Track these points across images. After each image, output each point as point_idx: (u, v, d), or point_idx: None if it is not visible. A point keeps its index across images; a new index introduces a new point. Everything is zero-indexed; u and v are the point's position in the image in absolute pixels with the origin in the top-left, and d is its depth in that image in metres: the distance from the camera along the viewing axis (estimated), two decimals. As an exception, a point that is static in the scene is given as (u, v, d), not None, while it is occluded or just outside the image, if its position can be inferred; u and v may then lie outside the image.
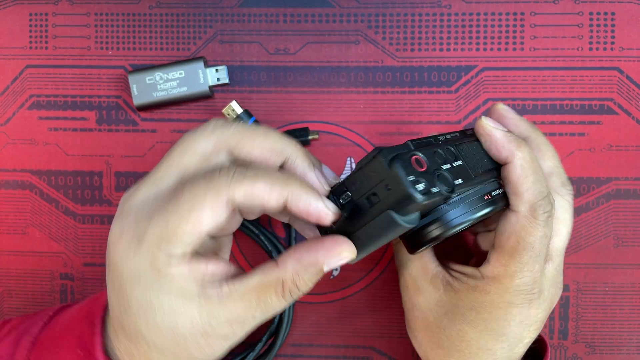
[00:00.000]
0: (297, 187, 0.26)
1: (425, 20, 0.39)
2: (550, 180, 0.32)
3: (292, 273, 0.27)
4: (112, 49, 0.40)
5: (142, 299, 0.26)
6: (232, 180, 0.25)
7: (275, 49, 0.40)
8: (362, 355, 0.40)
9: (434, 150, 0.28)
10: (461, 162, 0.29)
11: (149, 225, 0.26)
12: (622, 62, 0.39)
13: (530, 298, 0.30)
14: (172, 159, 0.27)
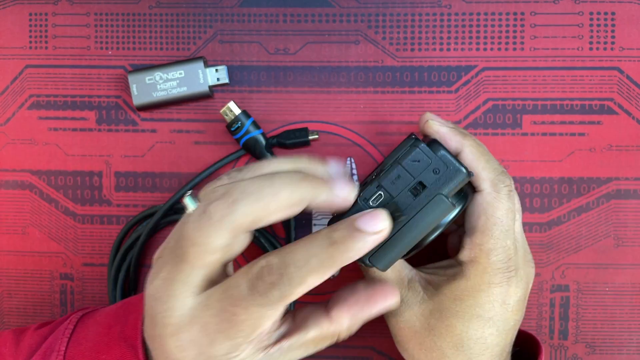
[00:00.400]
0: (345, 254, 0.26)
1: (426, 20, 0.39)
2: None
3: (348, 327, 0.29)
4: (112, 49, 0.40)
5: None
6: (284, 294, 0.25)
7: (275, 48, 0.40)
8: (362, 355, 0.40)
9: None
10: None
11: (215, 347, 0.26)
12: (623, 62, 0.39)
13: (508, 276, 0.31)
14: (192, 261, 0.26)
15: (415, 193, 0.27)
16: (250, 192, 0.26)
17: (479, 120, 0.39)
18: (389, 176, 0.27)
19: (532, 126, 0.39)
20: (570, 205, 0.39)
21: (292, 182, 0.26)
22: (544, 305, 0.39)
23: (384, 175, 0.27)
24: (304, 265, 0.25)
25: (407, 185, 0.27)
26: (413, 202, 0.27)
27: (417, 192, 0.27)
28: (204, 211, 0.26)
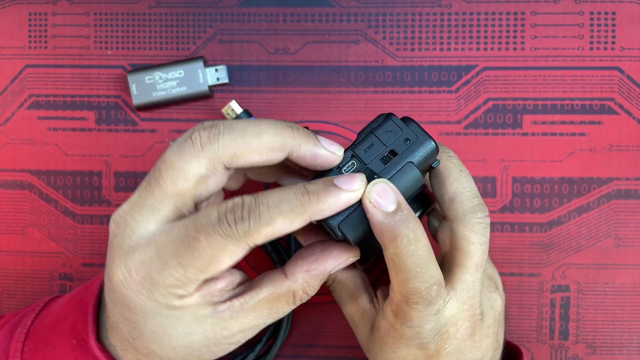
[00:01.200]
0: (317, 204, 0.26)
1: (426, 19, 0.39)
2: (452, 209, 0.30)
3: (302, 284, 0.28)
4: (112, 49, 0.40)
5: (156, 329, 0.27)
6: (250, 229, 0.25)
7: (275, 48, 0.40)
8: (362, 356, 0.40)
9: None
10: None
11: (164, 272, 0.25)
12: (623, 61, 0.39)
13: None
14: (165, 185, 0.26)
15: (386, 161, 0.28)
16: (235, 127, 0.26)
17: (479, 120, 0.39)
18: (362, 145, 0.29)
19: (533, 126, 0.39)
20: (570, 206, 0.39)
21: (277, 126, 0.27)
22: (544, 305, 0.39)
23: (358, 144, 0.29)
24: (274, 206, 0.25)
25: (379, 153, 0.28)
26: (384, 169, 0.28)
27: (388, 160, 0.28)
28: (188, 138, 0.26)
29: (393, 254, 0.27)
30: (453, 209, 0.30)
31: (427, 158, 0.28)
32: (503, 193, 0.39)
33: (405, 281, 0.28)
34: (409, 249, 0.27)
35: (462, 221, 0.30)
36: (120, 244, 0.27)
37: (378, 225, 0.27)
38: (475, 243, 0.29)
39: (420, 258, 0.27)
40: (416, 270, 0.27)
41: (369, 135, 0.29)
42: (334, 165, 0.28)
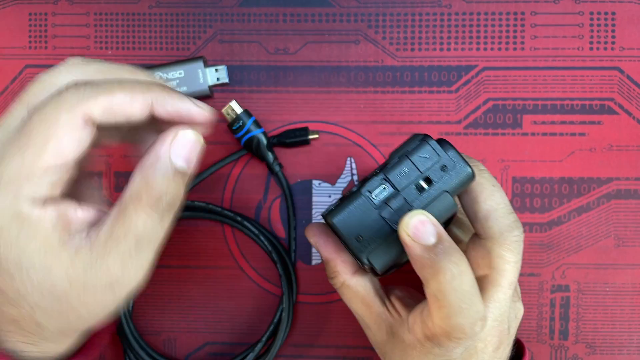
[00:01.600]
0: (161, 90, 0.24)
1: (426, 19, 0.39)
2: (486, 227, 0.29)
3: (156, 190, 0.23)
4: (112, 49, 0.40)
5: (8, 256, 0.23)
6: (84, 95, 0.23)
7: (275, 48, 0.40)
8: (362, 356, 0.40)
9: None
10: None
11: (3, 163, 0.22)
12: (623, 62, 0.39)
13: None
14: (22, 97, 0.24)
15: (420, 189, 0.27)
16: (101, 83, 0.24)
17: (479, 120, 0.39)
18: (396, 170, 0.27)
19: (533, 126, 0.39)
20: (570, 205, 0.39)
21: (142, 80, 0.25)
22: (544, 305, 0.39)
23: (391, 168, 0.27)
24: (118, 81, 0.24)
25: (414, 180, 0.27)
26: (419, 198, 0.26)
27: (423, 188, 0.27)
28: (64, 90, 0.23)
29: (436, 290, 0.26)
30: (488, 227, 0.28)
31: (463, 186, 0.27)
32: (503, 193, 0.39)
33: (449, 317, 0.26)
34: (453, 285, 0.25)
35: (498, 240, 0.28)
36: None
37: (419, 260, 0.25)
38: (511, 262, 0.28)
39: (465, 293, 0.25)
40: (461, 307, 0.25)
41: (403, 159, 0.27)
42: (200, 121, 0.25)
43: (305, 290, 0.40)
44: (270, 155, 0.39)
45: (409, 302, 0.31)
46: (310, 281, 0.40)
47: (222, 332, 0.40)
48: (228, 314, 0.40)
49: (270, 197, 0.40)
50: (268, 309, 0.40)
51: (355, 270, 0.31)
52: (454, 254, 0.25)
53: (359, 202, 0.27)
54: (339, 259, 0.31)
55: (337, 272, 0.32)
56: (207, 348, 0.40)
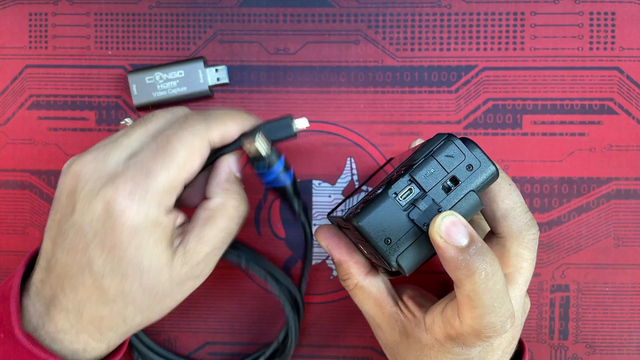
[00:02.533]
0: (249, 118, 0.30)
1: (426, 20, 0.39)
2: (505, 225, 0.29)
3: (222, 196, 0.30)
4: (112, 49, 0.40)
5: (133, 258, 0.27)
6: (209, 124, 0.28)
7: (275, 48, 0.40)
8: (362, 356, 0.40)
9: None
10: None
11: (151, 179, 0.27)
12: (623, 62, 0.39)
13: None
14: (144, 125, 0.29)
15: (447, 189, 0.26)
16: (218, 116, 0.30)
17: (479, 120, 0.39)
18: (423, 170, 0.26)
19: (532, 126, 0.39)
20: (570, 205, 0.39)
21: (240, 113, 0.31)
22: (544, 305, 0.39)
23: (417, 168, 0.26)
24: (222, 114, 0.30)
25: (440, 180, 0.26)
26: (446, 198, 0.26)
27: (449, 188, 0.26)
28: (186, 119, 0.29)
29: (470, 290, 0.26)
30: (507, 225, 0.29)
31: (488, 184, 0.27)
32: (503, 193, 0.39)
33: (482, 317, 0.26)
34: (487, 285, 0.25)
35: (516, 238, 0.29)
36: (93, 179, 0.27)
37: (452, 262, 0.25)
38: (528, 259, 0.29)
39: (498, 292, 0.26)
40: (494, 306, 0.26)
41: (429, 160, 0.26)
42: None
43: (305, 290, 0.40)
44: (296, 202, 0.34)
45: (422, 301, 0.31)
46: (310, 281, 0.40)
47: (222, 332, 0.40)
48: (228, 314, 0.40)
49: (270, 197, 0.40)
50: (268, 309, 0.40)
51: (367, 271, 0.32)
52: (487, 254, 0.26)
53: (386, 204, 0.26)
54: (351, 261, 0.32)
55: (350, 273, 0.32)
56: (207, 348, 0.40)
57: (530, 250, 0.29)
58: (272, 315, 0.40)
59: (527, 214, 0.29)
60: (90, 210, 0.27)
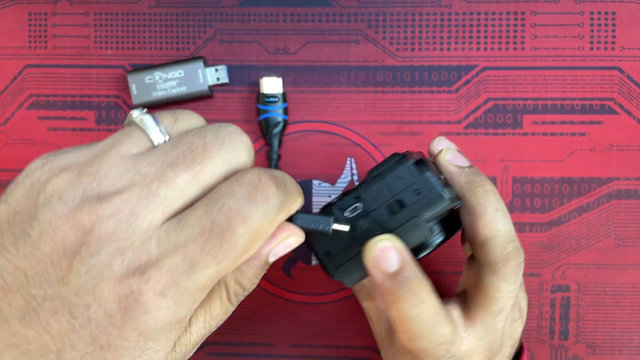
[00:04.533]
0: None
1: (426, 19, 0.39)
2: (482, 253, 0.28)
3: (234, 274, 0.23)
4: (112, 49, 0.40)
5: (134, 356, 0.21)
6: (286, 204, 0.22)
7: (275, 48, 0.40)
8: (362, 356, 0.40)
9: (433, 162, 0.28)
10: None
11: (193, 276, 0.20)
12: (623, 61, 0.39)
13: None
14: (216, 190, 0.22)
15: (392, 211, 0.26)
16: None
17: (479, 120, 0.39)
18: (370, 189, 0.26)
19: (533, 126, 0.39)
20: (570, 205, 0.39)
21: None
22: (544, 305, 0.39)
23: (365, 187, 0.26)
24: (293, 185, 0.23)
25: (386, 201, 0.26)
26: (389, 220, 0.25)
27: (395, 211, 0.25)
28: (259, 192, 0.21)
29: (395, 316, 0.26)
30: (484, 253, 0.28)
31: (439, 211, 0.26)
32: (503, 193, 0.39)
33: (411, 340, 0.26)
34: (412, 313, 0.25)
35: (492, 269, 0.27)
36: (110, 252, 0.20)
37: (379, 286, 0.25)
38: (504, 291, 0.27)
39: (425, 321, 0.26)
40: (422, 332, 0.26)
41: (378, 179, 0.26)
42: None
43: (305, 290, 0.40)
44: (277, 143, 0.39)
45: None
46: (310, 281, 0.40)
47: (222, 332, 0.40)
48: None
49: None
50: (268, 309, 0.40)
51: None
52: (414, 283, 0.25)
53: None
54: None
55: None
56: (207, 348, 0.40)
57: (508, 282, 0.27)
58: (272, 315, 0.40)
59: (510, 244, 0.27)
60: (98, 294, 0.19)
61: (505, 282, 0.27)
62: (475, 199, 0.27)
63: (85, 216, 0.20)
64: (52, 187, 0.20)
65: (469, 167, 0.29)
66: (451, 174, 0.28)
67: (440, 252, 0.39)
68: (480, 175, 0.29)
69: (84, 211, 0.20)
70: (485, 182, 0.28)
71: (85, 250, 0.20)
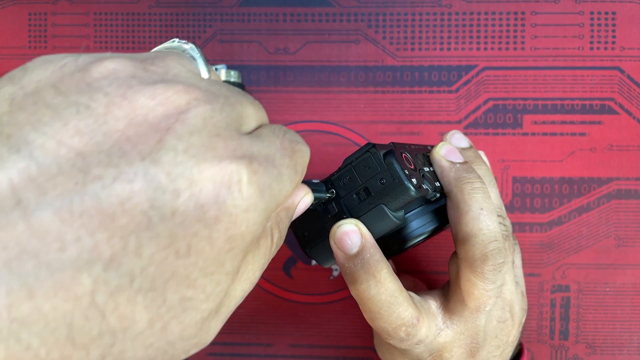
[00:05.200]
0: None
1: (426, 19, 0.39)
2: (462, 250, 0.29)
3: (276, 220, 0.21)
4: (112, 49, 0.40)
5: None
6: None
7: (275, 48, 0.40)
8: (362, 356, 0.40)
9: (415, 154, 0.29)
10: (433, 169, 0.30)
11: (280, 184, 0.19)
12: (623, 61, 0.39)
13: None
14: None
15: (360, 198, 0.27)
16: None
17: (480, 120, 0.39)
18: (340, 176, 0.27)
19: (533, 126, 0.39)
20: (570, 205, 0.39)
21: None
22: (544, 305, 0.39)
23: (337, 174, 0.27)
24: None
25: (354, 188, 0.27)
26: (357, 207, 0.27)
27: (362, 198, 0.27)
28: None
29: (355, 295, 0.27)
30: (464, 250, 0.28)
31: (404, 202, 0.26)
32: (503, 193, 0.39)
33: (371, 320, 0.28)
34: (369, 293, 0.26)
35: (471, 266, 0.28)
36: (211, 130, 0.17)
37: (341, 267, 0.27)
38: (481, 289, 0.28)
39: (382, 302, 0.27)
40: (380, 313, 0.27)
41: (347, 167, 0.27)
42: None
43: (305, 290, 0.40)
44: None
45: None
46: (310, 281, 0.40)
47: (222, 332, 0.40)
48: (228, 314, 0.40)
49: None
50: (268, 309, 0.40)
51: None
52: (373, 265, 0.26)
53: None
54: None
55: None
56: (207, 348, 0.40)
57: (486, 280, 0.28)
58: (272, 315, 0.40)
59: (491, 243, 0.27)
60: (196, 178, 0.16)
61: (483, 280, 0.28)
62: (461, 195, 0.28)
63: (178, 94, 0.16)
64: (109, 65, 0.17)
65: (462, 163, 0.29)
66: (442, 168, 0.29)
67: (439, 252, 0.39)
68: (471, 173, 0.29)
69: (176, 89, 0.17)
70: (475, 179, 0.28)
71: (182, 127, 0.16)
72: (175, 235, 0.15)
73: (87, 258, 0.14)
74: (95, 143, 0.15)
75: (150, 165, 0.15)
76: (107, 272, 0.14)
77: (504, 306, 0.30)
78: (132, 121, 0.16)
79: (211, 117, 0.17)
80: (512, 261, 0.30)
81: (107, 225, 0.14)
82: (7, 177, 0.14)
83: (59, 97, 0.16)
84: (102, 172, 0.15)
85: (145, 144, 0.15)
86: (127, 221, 0.15)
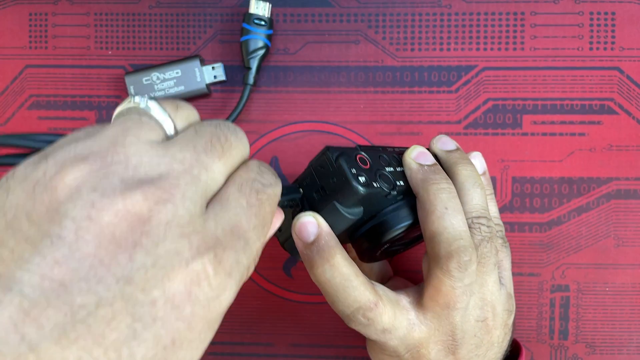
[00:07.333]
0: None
1: (426, 20, 0.39)
2: (429, 247, 0.30)
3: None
4: (112, 49, 0.40)
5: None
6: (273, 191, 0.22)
7: (275, 48, 0.40)
8: (362, 356, 0.40)
9: (379, 155, 0.30)
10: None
11: (248, 253, 0.21)
12: (623, 62, 0.39)
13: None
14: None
15: (319, 196, 0.29)
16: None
17: (479, 120, 0.39)
18: (302, 176, 0.29)
19: (532, 126, 0.39)
20: (570, 205, 0.39)
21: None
22: (544, 305, 0.39)
23: (302, 175, 0.30)
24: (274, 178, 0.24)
25: (313, 187, 0.29)
26: (316, 204, 0.29)
27: (320, 196, 0.29)
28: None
29: (314, 280, 0.29)
30: (431, 247, 0.29)
31: (354, 199, 0.28)
32: (503, 193, 0.39)
33: (332, 303, 0.29)
34: (325, 277, 0.28)
35: (437, 263, 0.29)
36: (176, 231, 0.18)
37: (301, 255, 0.29)
38: (448, 286, 0.29)
39: (338, 285, 0.28)
40: (337, 296, 0.29)
41: (309, 169, 0.29)
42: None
43: (305, 290, 0.40)
44: (255, 69, 0.38)
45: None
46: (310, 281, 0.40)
47: (222, 332, 0.40)
48: (228, 313, 0.40)
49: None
50: (268, 309, 0.40)
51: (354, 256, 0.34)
52: (327, 251, 0.28)
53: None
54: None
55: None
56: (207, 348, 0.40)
57: (453, 278, 0.28)
58: (272, 315, 0.40)
59: (456, 241, 0.28)
60: (168, 286, 0.17)
61: (449, 277, 0.29)
62: (427, 195, 0.29)
63: (140, 204, 0.17)
64: (71, 180, 0.17)
65: (430, 165, 0.31)
66: (411, 170, 0.31)
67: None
68: (438, 174, 0.30)
69: (136, 198, 0.17)
70: (441, 180, 0.30)
71: (147, 240, 0.17)
72: (159, 337, 0.17)
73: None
74: (72, 270, 0.16)
75: (125, 286, 0.17)
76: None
77: (484, 306, 0.30)
78: (101, 242, 0.17)
79: (173, 216, 0.18)
80: (496, 263, 0.30)
81: (100, 343, 0.16)
82: (8, 315, 0.16)
83: (32, 229, 0.17)
84: (85, 301, 0.16)
85: (117, 266, 0.17)
86: (117, 336, 0.17)
